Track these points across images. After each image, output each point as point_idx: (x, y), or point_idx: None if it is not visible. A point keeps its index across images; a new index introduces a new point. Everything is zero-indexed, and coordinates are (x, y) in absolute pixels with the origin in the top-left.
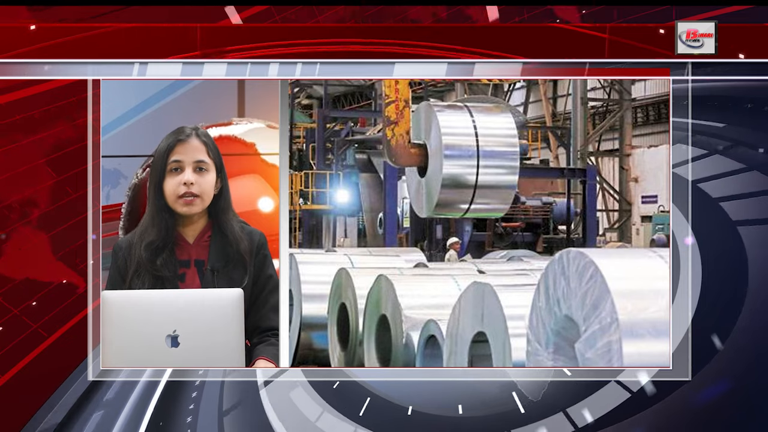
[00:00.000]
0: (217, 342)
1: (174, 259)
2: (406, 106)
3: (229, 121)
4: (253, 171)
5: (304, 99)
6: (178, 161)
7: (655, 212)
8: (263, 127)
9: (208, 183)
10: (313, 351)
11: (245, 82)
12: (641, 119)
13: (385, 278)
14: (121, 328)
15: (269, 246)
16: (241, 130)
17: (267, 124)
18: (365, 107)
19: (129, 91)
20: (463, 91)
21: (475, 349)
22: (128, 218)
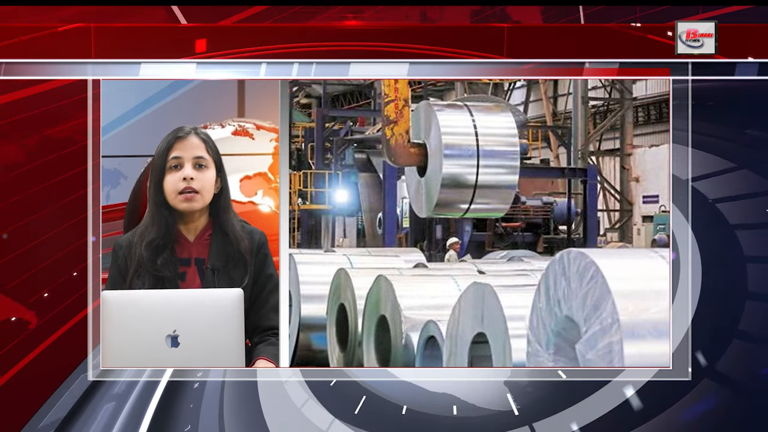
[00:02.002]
0: (217, 342)
1: (174, 257)
2: (405, 106)
3: (205, 125)
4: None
5: (302, 98)
6: (178, 158)
7: (657, 212)
8: (228, 136)
9: (207, 179)
10: (312, 352)
11: (245, 82)
12: (642, 118)
13: (385, 279)
14: (121, 328)
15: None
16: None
17: (238, 126)
18: (364, 106)
19: (129, 91)
20: (463, 90)
21: (475, 350)
22: (129, 217)
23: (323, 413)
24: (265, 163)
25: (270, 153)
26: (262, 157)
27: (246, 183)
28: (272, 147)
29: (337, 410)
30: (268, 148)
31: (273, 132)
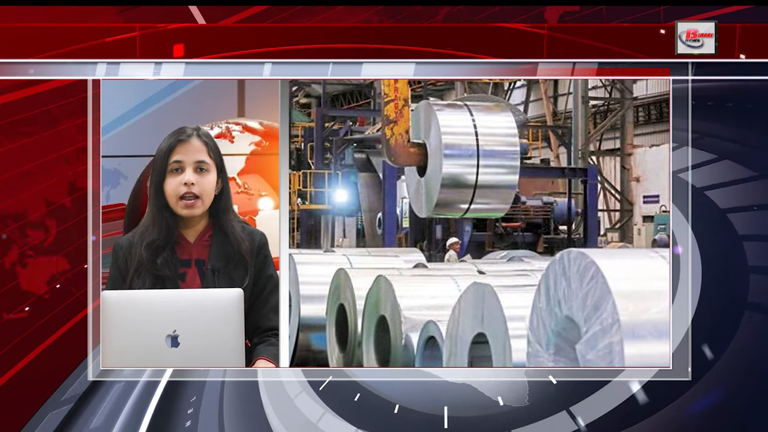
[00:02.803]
0: (217, 342)
1: (175, 258)
2: (405, 105)
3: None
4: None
5: (302, 98)
6: (179, 161)
7: (657, 212)
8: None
9: (208, 183)
10: (311, 352)
11: (245, 82)
12: (643, 118)
13: (384, 279)
14: (121, 328)
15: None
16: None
17: (224, 128)
18: (364, 106)
19: (129, 91)
20: (463, 89)
21: (475, 350)
22: (129, 218)
23: (319, 412)
24: (237, 166)
25: (244, 154)
26: (233, 163)
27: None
28: (249, 149)
29: (332, 405)
30: (245, 150)
31: (257, 135)
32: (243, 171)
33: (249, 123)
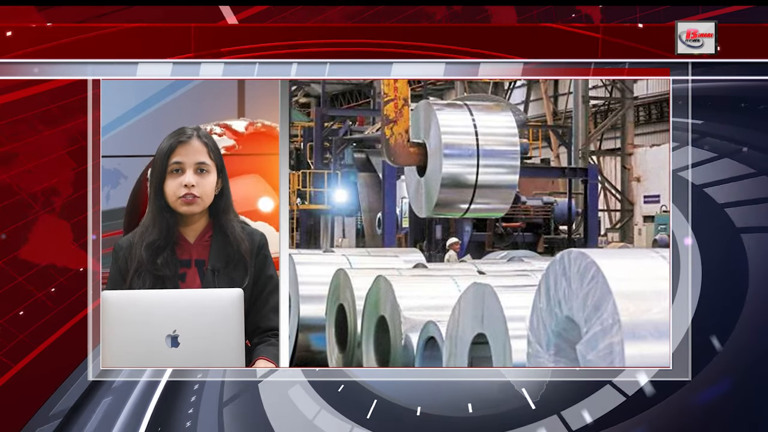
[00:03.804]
0: (217, 342)
1: (175, 258)
2: (405, 105)
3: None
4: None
5: (301, 97)
6: (179, 163)
7: (658, 212)
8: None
9: (209, 184)
10: (311, 353)
11: (245, 82)
12: (643, 118)
13: (384, 279)
14: (121, 328)
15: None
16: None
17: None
18: (364, 106)
19: (129, 91)
20: (463, 89)
21: (475, 350)
22: (129, 218)
23: (319, 411)
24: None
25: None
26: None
27: None
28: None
29: (327, 398)
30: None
31: (232, 140)
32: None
33: (235, 125)
